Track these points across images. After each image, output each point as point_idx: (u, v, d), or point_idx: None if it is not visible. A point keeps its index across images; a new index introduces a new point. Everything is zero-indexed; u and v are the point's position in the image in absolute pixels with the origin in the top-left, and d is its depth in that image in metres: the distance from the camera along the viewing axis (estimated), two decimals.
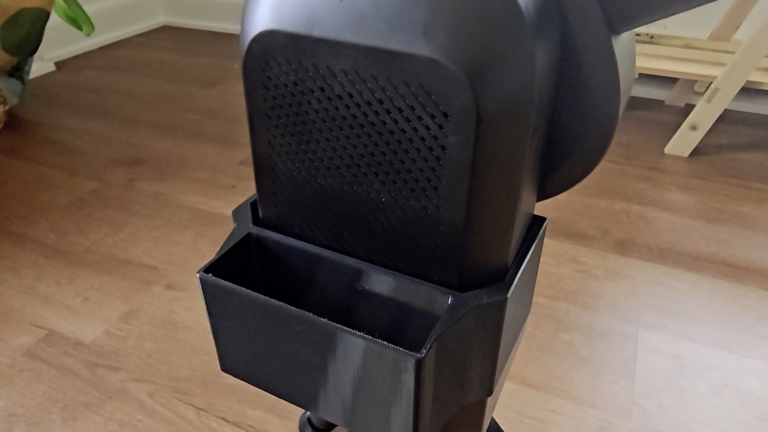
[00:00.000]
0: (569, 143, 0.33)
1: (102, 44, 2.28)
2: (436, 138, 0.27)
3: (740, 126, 1.62)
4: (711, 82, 1.42)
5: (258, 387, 0.35)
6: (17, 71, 1.59)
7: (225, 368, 0.37)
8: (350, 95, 0.28)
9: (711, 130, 1.57)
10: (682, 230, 1.18)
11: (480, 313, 0.30)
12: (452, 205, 0.29)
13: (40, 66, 1.99)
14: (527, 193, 0.32)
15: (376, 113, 0.28)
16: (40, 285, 1.03)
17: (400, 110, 0.27)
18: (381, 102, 0.28)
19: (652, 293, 1.01)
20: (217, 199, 1.28)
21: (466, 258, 0.30)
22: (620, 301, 0.99)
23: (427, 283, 0.31)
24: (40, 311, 0.97)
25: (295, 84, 0.29)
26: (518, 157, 0.28)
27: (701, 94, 1.71)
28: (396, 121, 0.28)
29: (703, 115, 1.41)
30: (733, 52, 1.55)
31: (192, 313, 0.97)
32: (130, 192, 1.31)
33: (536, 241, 0.35)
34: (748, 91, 1.67)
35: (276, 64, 0.29)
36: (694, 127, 1.43)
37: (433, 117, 0.27)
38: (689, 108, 1.71)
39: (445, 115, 0.26)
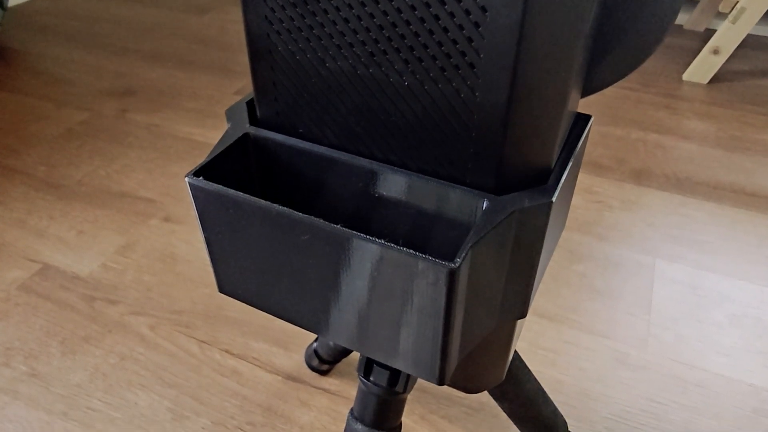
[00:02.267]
0: (627, 21, 0.28)
1: None
2: None
3: (762, 51, 1.54)
4: (737, 2, 1.32)
5: (261, 309, 0.31)
6: None
7: (223, 289, 0.32)
8: None
9: (731, 55, 1.49)
10: (700, 159, 1.13)
11: (521, 219, 0.26)
12: (492, 87, 0.23)
13: None
14: (577, 79, 0.26)
15: None
16: (32, 218, 0.99)
17: None
18: None
19: (670, 223, 0.97)
20: (213, 130, 1.22)
21: (505, 154, 0.25)
22: (636, 232, 0.95)
23: (457, 185, 0.27)
24: (33, 245, 0.94)
25: None
26: (576, 23, 0.23)
27: (723, 17, 1.61)
28: None
29: (727, 38, 1.32)
30: None
31: (191, 246, 0.93)
32: (122, 123, 1.25)
33: (581, 141, 0.30)
34: None
35: None
36: (716, 51, 1.35)
37: None
38: (709, 33, 1.62)
39: None
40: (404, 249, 0.24)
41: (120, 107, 1.30)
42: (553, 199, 0.26)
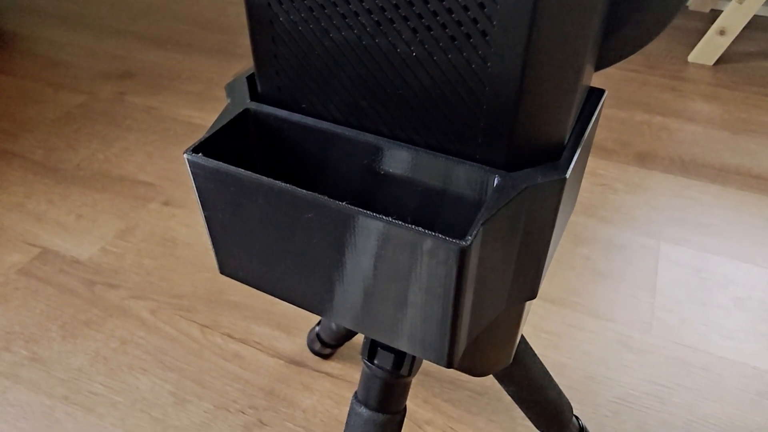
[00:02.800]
0: None
1: None
2: None
3: None
4: None
5: (263, 291, 0.30)
6: None
7: (224, 271, 0.32)
8: None
9: (737, 37, 1.47)
10: (706, 141, 1.12)
11: (533, 196, 0.25)
12: (505, 57, 0.22)
13: None
14: (592, 50, 0.25)
15: None
16: (30, 202, 0.98)
17: None
18: None
19: (675, 206, 0.96)
20: (213, 113, 1.21)
21: (517, 129, 0.24)
22: (641, 215, 0.94)
23: (467, 161, 0.26)
24: (32, 229, 0.93)
25: None
26: None
27: None
28: None
29: (734, 18, 1.30)
30: None
31: (191, 230, 0.92)
32: (120, 106, 1.23)
33: (595, 116, 0.29)
34: None
35: None
36: (722, 32, 1.33)
37: None
38: (714, 14, 1.59)
39: None
40: (413, 226, 0.23)
41: (118, 90, 1.29)
42: (567, 175, 0.25)
